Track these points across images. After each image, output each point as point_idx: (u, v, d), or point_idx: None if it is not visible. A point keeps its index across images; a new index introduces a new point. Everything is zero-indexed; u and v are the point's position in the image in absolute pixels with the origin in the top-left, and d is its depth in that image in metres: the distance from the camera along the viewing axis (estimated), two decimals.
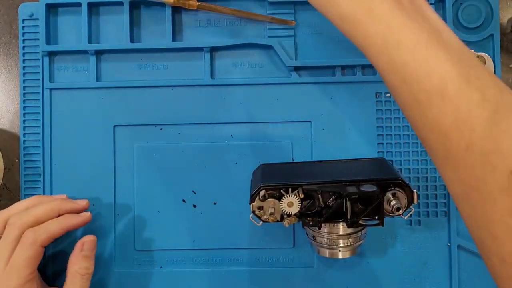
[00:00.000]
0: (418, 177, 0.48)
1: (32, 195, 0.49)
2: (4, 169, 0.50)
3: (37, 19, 0.49)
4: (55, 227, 0.42)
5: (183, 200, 0.49)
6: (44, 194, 0.49)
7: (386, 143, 0.48)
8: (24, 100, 0.50)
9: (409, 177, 0.48)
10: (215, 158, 0.49)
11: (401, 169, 0.48)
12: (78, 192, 0.49)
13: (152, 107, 0.49)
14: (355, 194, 0.39)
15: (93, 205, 0.49)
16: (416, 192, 0.40)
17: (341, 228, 0.42)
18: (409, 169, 0.48)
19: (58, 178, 0.49)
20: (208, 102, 0.49)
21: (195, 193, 0.49)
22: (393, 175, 0.41)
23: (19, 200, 0.49)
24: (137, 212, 0.49)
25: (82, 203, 0.45)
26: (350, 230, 0.42)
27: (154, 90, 0.49)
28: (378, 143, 0.48)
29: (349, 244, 0.43)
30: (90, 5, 0.49)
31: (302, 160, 0.48)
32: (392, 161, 0.48)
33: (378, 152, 0.48)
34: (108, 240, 0.49)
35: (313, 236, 0.44)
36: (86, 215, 0.44)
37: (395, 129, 0.48)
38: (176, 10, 0.49)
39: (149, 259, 0.49)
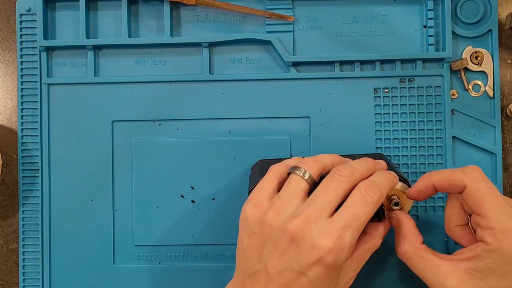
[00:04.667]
0: (416, 173, 0.48)
1: (30, 190, 0.49)
2: (2, 164, 0.50)
3: (35, 13, 0.49)
4: (389, 185, 0.37)
5: (182, 196, 0.49)
6: (42, 190, 0.49)
7: (385, 139, 0.48)
8: (22, 96, 0.49)
9: (407, 173, 0.48)
10: (214, 153, 0.49)
11: (399, 164, 0.48)
12: (76, 187, 0.49)
13: (150, 102, 0.49)
14: None
15: (92, 200, 0.49)
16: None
17: None
18: (407, 164, 0.48)
19: (56, 174, 0.49)
20: (207, 97, 0.49)
21: (193, 188, 0.49)
22: (391, 171, 0.41)
23: (17, 196, 0.49)
24: (135, 208, 0.49)
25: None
26: None
27: (153, 85, 0.49)
28: (376, 139, 0.48)
29: None
30: (88, 0, 0.49)
31: (300, 156, 0.48)
32: (390, 156, 0.48)
33: (376, 147, 0.48)
34: (106, 235, 0.49)
35: None
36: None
37: (393, 125, 0.48)
38: (175, 5, 0.49)
39: (147, 254, 0.49)
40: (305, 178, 0.37)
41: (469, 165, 0.38)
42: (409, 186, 0.40)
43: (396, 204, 0.40)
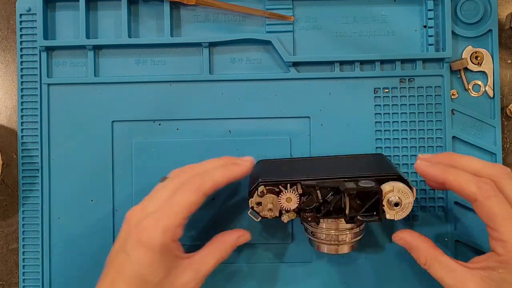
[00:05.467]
0: (416, 173, 0.48)
1: (30, 190, 0.49)
2: (2, 164, 0.50)
3: (35, 13, 0.49)
4: (219, 175, 0.41)
5: None
6: (42, 190, 0.49)
7: (385, 139, 0.48)
8: (22, 96, 0.49)
9: (407, 173, 0.48)
10: (214, 153, 0.49)
11: (399, 164, 0.48)
12: (76, 187, 0.49)
13: (150, 102, 0.49)
14: (353, 190, 0.39)
15: (92, 200, 0.49)
16: (415, 188, 0.40)
17: (340, 223, 0.42)
18: (407, 164, 0.48)
19: (56, 174, 0.49)
20: (207, 97, 0.49)
21: None
22: (391, 171, 0.41)
23: (17, 196, 0.49)
24: None
25: (248, 159, 0.43)
26: (348, 226, 0.42)
27: (153, 85, 0.49)
28: (376, 139, 0.48)
29: (347, 239, 0.43)
30: (88, 0, 0.49)
31: (300, 156, 0.48)
32: (390, 156, 0.48)
33: (377, 147, 0.48)
34: (106, 236, 0.49)
35: (312, 232, 0.44)
36: (247, 163, 0.42)
37: (393, 125, 0.48)
38: (175, 5, 0.49)
39: None
40: None
41: (492, 168, 0.39)
42: (410, 187, 0.40)
43: (396, 204, 0.40)
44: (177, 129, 0.49)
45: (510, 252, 0.36)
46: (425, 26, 0.49)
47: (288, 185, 0.41)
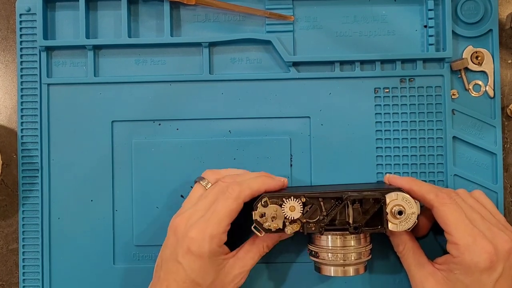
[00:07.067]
0: (416, 173, 0.48)
1: (30, 190, 0.49)
2: (2, 164, 0.50)
3: (35, 13, 0.49)
4: (256, 184, 0.42)
5: (182, 196, 0.49)
6: (42, 190, 0.49)
7: (385, 139, 0.48)
8: (22, 96, 0.49)
9: (408, 173, 0.48)
10: (214, 153, 0.49)
11: (399, 164, 0.48)
12: (76, 187, 0.49)
13: (150, 102, 0.49)
14: (356, 197, 0.39)
15: (92, 200, 0.49)
16: (418, 202, 0.40)
17: (345, 239, 0.42)
18: (408, 164, 0.48)
19: (56, 174, 0.49)
20: (207, 97, 0.49)
21: None
22: (394, 187, 0.41)
23: (17, 196, 0.49)
24: (135, 208, 0.49)
25: (282, 179, 0.45)
26: (353, 243, 0.42)
27: (152, 85, 0.49)
28: (376, 139, 0.48)
29: (353, 258, 0.42)
30: (88, 0, 0.49)
31: (300, 156, 0.48)
32: (390, 156, 0.48)
33: (377, 147, 0.48)
34: (106, 235, 0.49)
35: (316, 253, 0.43)
36: (283, 180, 0.45)
37: (393, 125, 0.48)
38: (175, 5, 0.49)
39: (148, 254, 0.49)
40: (206, 187, 0.44)
41: (451, 189, 0.45)
42: (414, 202, 0.40)
43: (400, 212, 0.39)
44: (177, 129, 0.49)
45: (462, 254, 0.39)
46: (425, 26, 0.49)
47: (292, 197, 0.41)
